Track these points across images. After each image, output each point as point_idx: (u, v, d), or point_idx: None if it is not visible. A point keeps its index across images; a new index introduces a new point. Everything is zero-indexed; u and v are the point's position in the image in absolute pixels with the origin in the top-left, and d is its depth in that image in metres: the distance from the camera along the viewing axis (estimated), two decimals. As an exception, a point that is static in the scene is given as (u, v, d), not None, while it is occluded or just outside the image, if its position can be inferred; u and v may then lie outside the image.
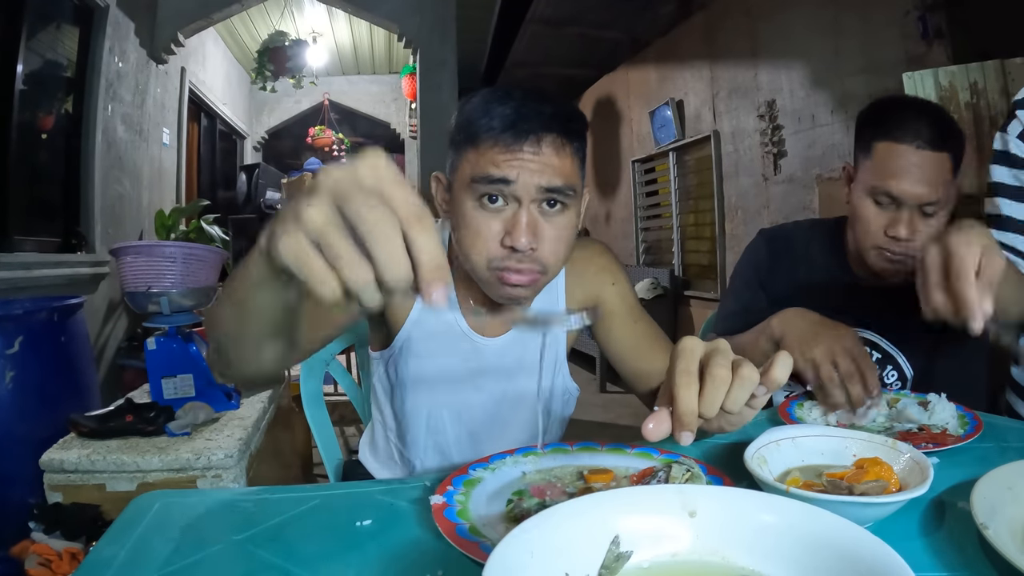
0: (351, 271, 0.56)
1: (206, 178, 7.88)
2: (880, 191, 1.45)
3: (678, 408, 0.74)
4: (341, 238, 0.57)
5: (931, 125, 1.42)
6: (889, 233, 1.45)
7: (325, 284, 0.57)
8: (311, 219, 0.57)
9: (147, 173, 5.47)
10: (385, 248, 0.56)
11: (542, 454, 1.01)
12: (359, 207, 0.56)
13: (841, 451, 0.90)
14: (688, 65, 6.33)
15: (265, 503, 0.89)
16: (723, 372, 0.75)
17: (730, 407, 0.76)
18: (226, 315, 0.86)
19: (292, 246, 0.57)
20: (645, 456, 1.00)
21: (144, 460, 2.09)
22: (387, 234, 0.56)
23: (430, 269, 0.57)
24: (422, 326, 1.31)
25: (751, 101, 5.36)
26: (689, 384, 0.75)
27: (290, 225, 0.58)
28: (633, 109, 7.68)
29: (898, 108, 1.50)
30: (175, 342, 2.51)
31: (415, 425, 1.37)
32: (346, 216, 0.57)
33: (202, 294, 2.64)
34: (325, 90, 9.79)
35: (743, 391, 0.75)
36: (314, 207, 0.57)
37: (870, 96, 4.01)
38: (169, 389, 2.51)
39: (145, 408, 2.35)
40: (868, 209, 1.49)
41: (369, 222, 0.56)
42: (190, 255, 2.60)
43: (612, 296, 1.43)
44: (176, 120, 6.22)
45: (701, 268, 6.52)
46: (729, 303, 1.77)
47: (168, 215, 5.22)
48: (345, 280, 0.57)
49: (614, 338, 1.42)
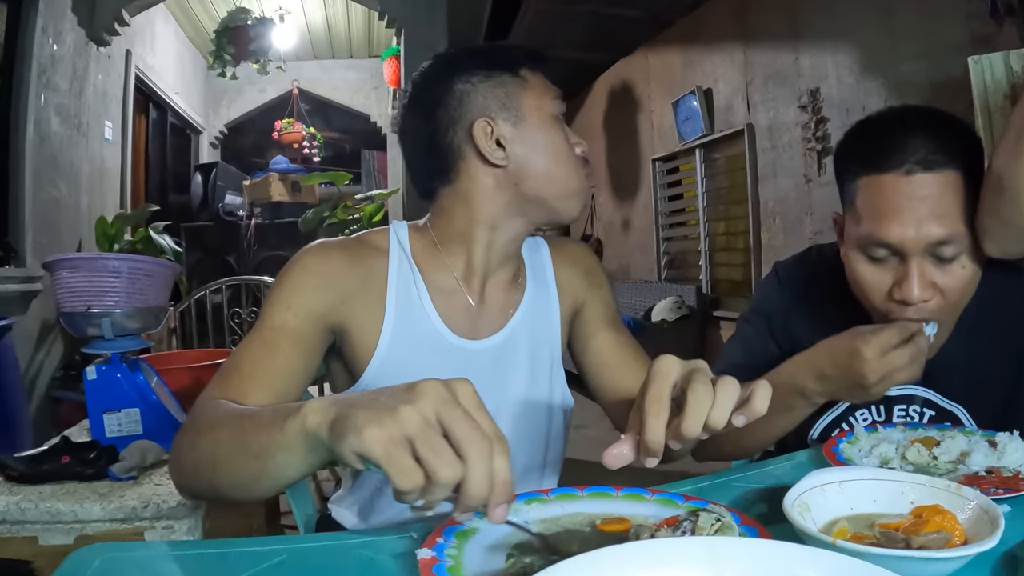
0: (448, 469, 0.70)
1: (155, 179, 7.91)
2: (871, 242, 1.32)
3: (645, 436, 0.84)
4: (442, 439, 0.71)
5: (922, 138, 1.28)
6: (896, 297, 1.31)
7: (409, 477, 0.70)
8: (411, 418, 0.71)
9: (87, 173, 5.49)
10: (478, 465, 0.71)
11: (547, 500, 1.01)
12: (460, 421, 0.72)
13: (896, 497, 0.90)
14: (718, 48, 6.36)
15: (224, 558, 0.89)
16: (705, 388, 0.84)
17: (714, 424, 0.84)
18: (224, 455, 0.96)
19: (383, 438, 0.70)
20: (668, 503, 1.00)
21: (83, 508, 2.08)
22: (484, 453, 0.71)
23: (501, 492, 0.72)
24: (397, 344, 1.33)
25: (791, 90, 5.38)
26: (658, 412, 0.85)
27: (385, 419, 0.71)
28: (654, 99, 7.71)
29: (876, 127, 1.38)
30: (119, 371, 2.51)
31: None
32: (442, 423, 0.72)
33: (150, 315, 2.63)
34: (294, 77, 9.86)
35: (727, 404, 0.84)
36: (415, 408, 0.72)
37: (930, 84, 4.04)
38: (112, 426, 2.50)
39: (84, 448, 2.35)
40: (862, 268, 1.36)
41: (470, 438, 0.71)
42: (137, 269, 2.60)
43: (597, 301, 1.52)
44: (120, 112, 6.25)
45: (733, 284, 6.52)
46: (735, 353, 1.66)
47: (111, 222, 5.24)
48: (435, 475, 0.70)
49: (593, 347, 1.50)
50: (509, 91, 1.32)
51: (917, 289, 1.27)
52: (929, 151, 1.26)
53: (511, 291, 1.44)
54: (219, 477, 0.98)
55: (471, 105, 1.31)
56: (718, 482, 1.16)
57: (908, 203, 1.26)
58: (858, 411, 1.53)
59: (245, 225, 6.76)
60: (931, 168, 1.26)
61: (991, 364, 1.45)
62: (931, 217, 1.26)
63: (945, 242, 1.27)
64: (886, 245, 1.30)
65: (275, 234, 6.75)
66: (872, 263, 1.34)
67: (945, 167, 1.26)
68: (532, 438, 1.44)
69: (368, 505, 1.43)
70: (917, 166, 1.26)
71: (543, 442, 1.46)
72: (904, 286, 1.29)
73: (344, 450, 0.74)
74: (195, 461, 1.02)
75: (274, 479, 0.91)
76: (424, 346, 1.34)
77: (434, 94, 1.34)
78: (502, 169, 1.32)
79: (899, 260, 1.31)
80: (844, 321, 1.35)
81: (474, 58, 1.35)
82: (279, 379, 1.20)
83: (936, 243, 1.27)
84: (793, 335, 1.58)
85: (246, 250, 6.65)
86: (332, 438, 0.76)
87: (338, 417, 0.76)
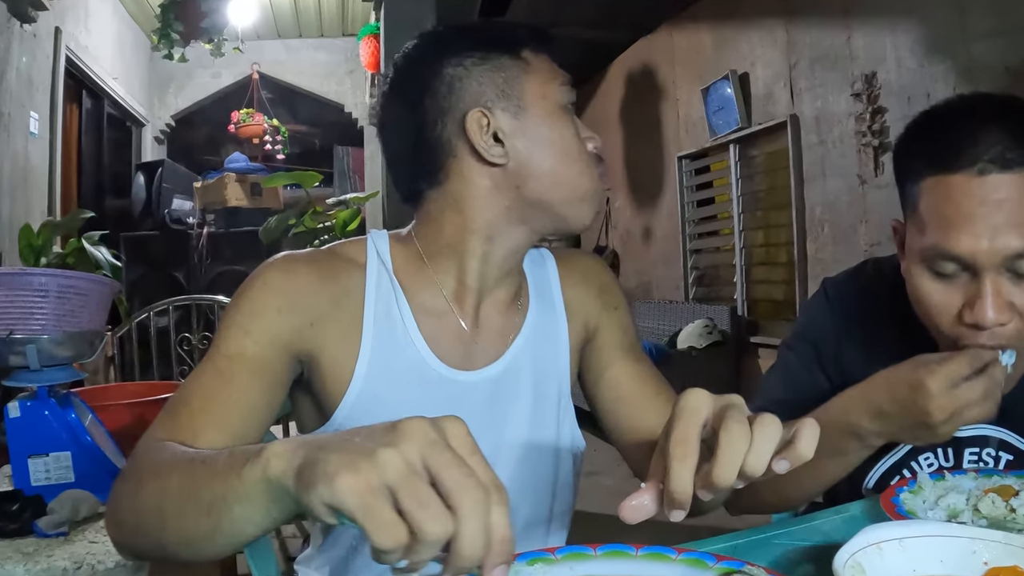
0: (435, 524, 0.67)
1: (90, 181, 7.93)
2: (937, 255, 1.29)
3: (670, 484, 0.83)
4: (429, 488, 0.69)
5: (997, 132, 1.25)
6: (967, 320, 1.28)
7: (390, 533, 0.67)
8: (392, 463, 0.69)
9: (8, 173, 5.51)
10: (472, 518, 0.68)
11: (554, 560, 1.01)
12: (451, 466, 0.70)
13: (967, 557, 0.91)
14: (756, 24, 6.38)
15: (173, 629, 0.89)
16: (740, 428, 0.83)
17: (751, 470, 0.82)
18: (172, 508, 0.94)
19: (359, 487, 0.68)
20: (697, 564, 1.00)
21: (3, 571, 2.08)
22: (479, 505, 0.69)
23: (499, 550, 0.70)
24: (376, 376, 1.32)
25: (843, 74, 5.40)
26: (685, 456, 0.83)
27: (361, 464, 0.69)
28: (680, 86, 7.73)
29: (943, 120, 1.36)
30: (47, 407, 2.51)
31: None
32: (429, 469, 0.70)
33: (84, 341, 2.64)
34: (254, 60, 9.89)
35: (766, 447, 0.83)
36: (396, 452, 0.69)
37: (1007, 68, 4.06)
38: (39, 472, 2.51)
39: (5, 499, 2.35)
40: (927, 286, 1.34)
41: (462, 487, 0.69)
42: (68, 287, 2.61)
43: (612, 325, 1.52)
44: (48, 101, 6.27)
45: (774, 305, 6.53)
46: (776, 386, 1.66)
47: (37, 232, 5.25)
48: (422, 531, 0.67)
49: (608, 380, 1.50)
50: (509, 76, 1.31)
51: (992, 311, 1.24)
52: (1006, 147, 1.23)
53: (511, 313, 1.44)
54: (165, 533, 0.97)
55: (464, 93, 1.30)
56: (756, 539, 1.16)
57: (981, 209, 1.23)
58: (922, 455, 1.53)
59: (196, 235, 6.77)
60: (1009, 167, 1.23)
61: None
62: (1009, 225, 1.23)
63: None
64: (955, 258, 1.27)
65: (232, 245, 6.75)
66: (938, 280, 1.32)
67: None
68: (536, 487, 1.43)
69: (341, 566, 1.42)
70: (992, 165, 1.23)
71: (549, 492, 1.45)
72: (977, 307, 1.25)
73: (313, 501, 0.72)
74: (137, 514, 1.02)
75: (231, 536, 0.90)
76: (408, 378, 1.33)
77: (420, 79, 1.33)
78: (500, 168, 1.31)
79: (970, 276, 1.28)
80: (905, 348, 1.34)
81: (467, 37, 1.34)
82: (236, 416, 1.20)
83: (1015, 256, 1.24)
84: (845, 365, 1.58)
85: (197, 264, 6.66)
86: (299, 487, 0.74)
87: (306, 462, 0.74)
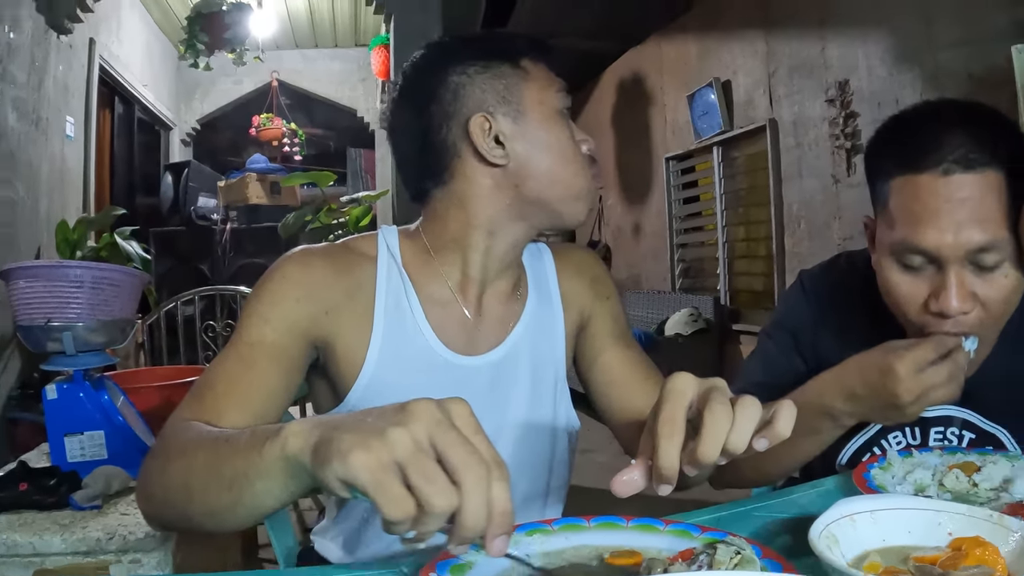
0: (441, 497, 0.69)
1: (122, 180, 7.91)
2: (905, 249, 1.30)
3: (658, 461, 0.85)
4: (435, 465, 0.71)
5: (961, 135, 1.26)
6: (932, 309, 1.29)
7: (399, 506, 0.69)
8: (402, 442, 0.70)
9: (46, 174, 5.49)
10: (475, 493, 0.70)
11: (551, 531, 1.01)
12: (456, 445, 0.72)
13: (933, 528, 0.90)
14: (737, 36, 6.37)
15: (198, 595, 0.89)
16: (723, 408, 0.85)
17: (733, 447, 0.84)
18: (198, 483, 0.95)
19: (371, 463, 0.70)
20: (682, 534, 1.00)
21: (42, 540, 2.08)
22: (482, 480, 0.71)
23: (500, 522, 0.72)
24: (386, 361, 1.33)
25: (818, 81, 5.39)
26: (672, 435, 0.86)
27: (372, 442, 0.71)
28: (667, 92, 7.73)
29: (911, 123, 1.36)
30: (82, 390, 2.51)
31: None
32: (436, 447, 0.72)
33: (116, 328, 2.64)
34: (273, 68, 9.87)
35: (747, 426, 0.85)
36: (406, 431, 0.71)
37: (970, 75, 4.05)
38: (74, 450, 2.50)
39: (43, 474, 2.35)
40: (896, 277, 1.35)
41: (466, 464, 0.71)
42: (101, 279, 2.60)
43: (604, 314, 1.53)
44: (83, 106, 6.25)
45: (754, 295, 6.53)
46: (756, 370, 1.66)
47: (73, 227, 5.24)
48: (428, 504, 0.69)
49: (601, 364, 1.51)
50: (509, 83, 1.32)
51: (956, 300, 1.25)
52: (969, 149, 1.25)
53: (511, 303, 1.44)
54: (191, 506, 0.98)
55: (467, 99, 1.31)
56: (738, 511, 1.16)
57: (946, 206, 1.24)
58: (891, 434, 1.52)
59: (220, 230, 6.77)
60: (971, 168, 1.24)
61: None
62: (971, 221, 1.24)
63: (986, 249, 1.25)
64: (922, 252, 1.28)
65: (253, 240, 6.75)
66: (906, 272, 1.33)
67: (987, 167, 1.25)
68: (534, 463, 1.44)
69: (354, 537, 1.42)
70: (956, 165, 1.24)
71: (546, 468, 1.46)
72: (941, 297, 1.27)
73: (328, 476, 0.73)
74: (165, 489, 1.02)
75: (252, 508, 0.91)
76: (416, 363, 1.34)
77: (427, 87, 1.34)
78: (501, 169, 1.32)
79: (936, 268, 1.29)
80: (876, 335, 1.35)
81: (471, 47, 1.35)
82: (256, 399, 1.20)
83: (976, 250, 1.25)
84: (820, 351, 1.58)
85: (221, 257, 6.66)
86: (315, 463, 0.76)
87: (321, 440, 0.76)
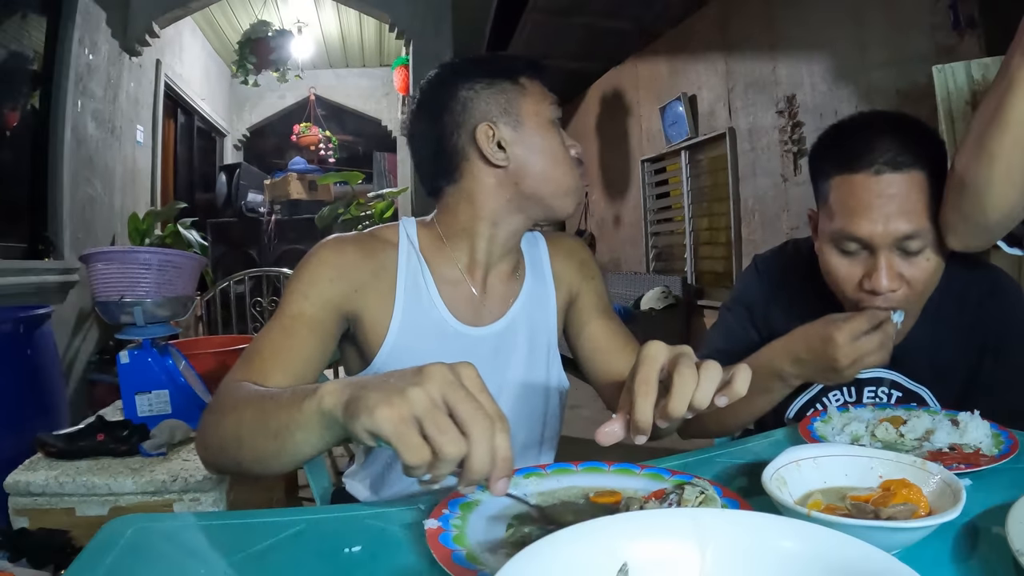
0: (452, 446, 0.71)
1: (183, 179, 7.90)
2: (843, 237, 1.32)
3: (634, 415, 0.87)
4: (447, 418, 0.73)
5: (890, 141, 1.28)
6: (866, 287, 1.31)
7: (417, 453, 0.71)
8: (419, 399, 0.72)
9: (120, 174, 5.48)
10: (481, 442, 0.72)
11: (545, 475, 1.01)
12: (464, 402, 0.73)
13: (866, 472, 0.90)
14: (701, 58, 6.34)
15: (247, 528, 0.89)
16: (690, 371, 0.86)
17: (698, 403, 0.86)
18: (247, 433, 0.97)
19: (393, 417, 0.72)
20: (655, 477, 1.00)
21: (116, 482, 2.08)
22: (486, 431, 0.73)
23: (502, 467, 0.74)
24: (406, 331, 1.33)
25: (769, 96, 5.37)
26: (647, 394, 0.87)
27: (395, 399, 0.72)
28: (642, 105, 7.69)
29: (847, 131, 1.37)
30: (150, 355, 2.51)
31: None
32: (447, 403, 0.73)
33: (179, 304, 2.64)
34: (311, 84, 9.83)
35: (710, 386, 0.86)
36: (423, 390, 0.73)
37: (897, 91, 4.03)
38: (143, 406, 2.51)
39: (117, 426, 2.35)
40: (835, 261, 1.36)
41: (473, 418, 0.73)
42: (166, 262, 2.60)
43: (590, 291, 1.54)
44: (151, 116, 6.23)
45: (716, 276, 6.52)
46: (718, 339, 1.65)
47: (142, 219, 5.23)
48: (441, 452, 0.71)
49: (587, 334, 1.52)
50: (509, 97, 1.33)
51: (885, 280, 1.28)
52: (896, 153, 1.26)
53: (511, 282, 1.45)
54: (242, 453, 0.98)
55: (474, 110, 1.32)
56: (702, 458, 1.16)
57: (877, 201, 1.26)
58: (831, 392, 1.53)
59: (266, 221, 6.76)
60: (898, 168, 1.26)
61: (953, 350, 1.45)
62: (898, 214, 1.26)
63: (911, 237, 1.27)
64: (857, 239, 1.30)
65: (293, 229, 6.74)
66: (844, 256, 1.34)
67: (911, 167, 1.26)
68: (531, 417, 1.45)
69: (379, 479, 1.43)
70: (885, 167, 1.26)
71: (541, 420, 1.47)
72: (874, 277, 1.29)
73: (357, 428, 0.75)
74: (220, 439, 1.03)
75: (292, 455, 0.92)
76: (431, 332, 1.34)
77: (440, 100, 1.34)
78: (503, 169, 1.33)
79: (869, 253, 1.31)
80: (818, 309, 1.36)
81: (477, 67, 1.36)
82: (297, 363, 1.21)
83: (903, 237, 1.27)
84: (771, 323, 1.58)
85: (267, 244, 6.65)
86: (346, 417, 0.77)
87: (352, 398, 0.77)
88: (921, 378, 1.47)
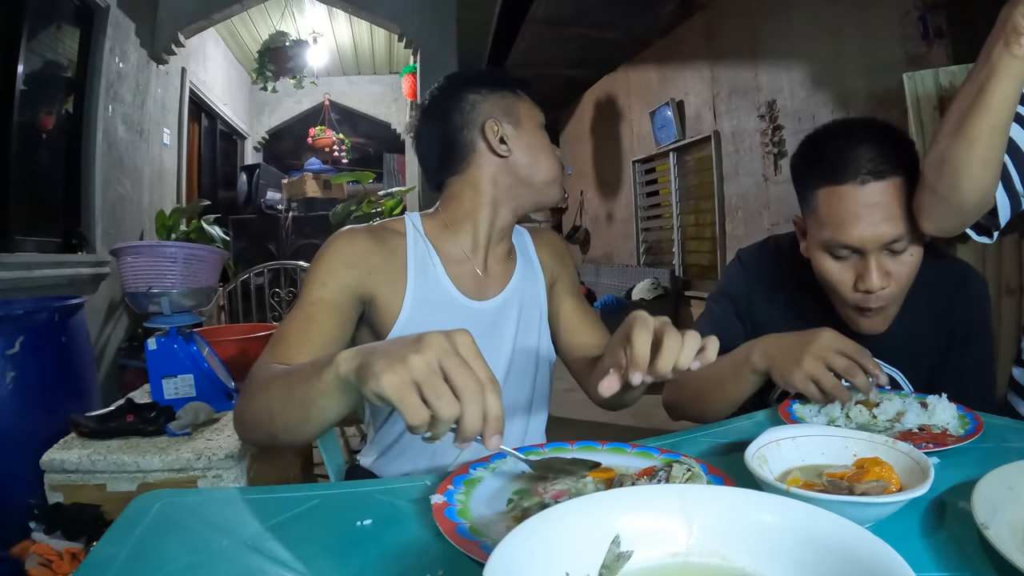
0: (447, 409, 0.74)
1: (207, 178, 7.89)
2: (835, 244, 1.33)
3: (634, 352, 0.94)
4: (443, 383, 0.75)
5: (870, 150, 1.29)
6: (860, 288, 1.33)
7: (417, 414, 0.74)
8: (418, 366, 0.75)
9: (148, 173, 5.48)
10: (472, 404, 0.75)
11: (543, 453, 1.01)
12: (458, 368, 0.76)
13: (841, 451, 0.90)
14: (688, 65, 6.34)
15: (265, 503, 0.89)
16: (676, 336, 0.96)
17: (681, 364, 0.94)
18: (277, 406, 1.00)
19: (396, 382, 0.75)
20: (645, 455, 1.00)
21: (145, 460, 2.08)
22: (477, 395, 0.75)
23: (494, 425, 0.76)
24: (417, 306, 1.37)
25: (751, 101, 5.36)
26: (646, 341, 0.95)
27: (397, 366, 0.75)
28: (634, 109, 7.69)
29: (828, 143, 1.37)
30: (176, 342, 2.51)
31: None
32: (443, 369, 0.76)
33: (203, 294, 2.63)
34: (325, 90, 9.80)
35: (691, 350, 0.95)
36: (422, 357, 0.76)
37: (870, 96, 4.03)
38: (170, 389, 2.51)
39: (146, 408, 2.35)
40: (829, 266, 1.37)
41: (465, 383, 0.75)
42: (191, 255, 2.60)
43: (565, 276, 1.65)
44: (177, 120, 6.22)
45: (702, 268, 6.52)
46: (704, 328, 1.56)
47: (169, 215, 5.23)
48: (438, 414, 0.74)
49: (562, 312, 1.61)
50: (510, 102, 1.46)
51: (876, 280, 1.30)
52: (878, 162, 1.28)
53: (507, 263, 1.54)
54: (275, 425, 1.01)
55: (482, 110, 1.44)
56: (689, 438, 1.16)
57: (865, 210, 1.28)
58: None
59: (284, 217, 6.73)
60: (881, 176, 1.28)
61: (924, 336, 1.46)
62: (884, 220, 1.28)
63: (897, 239, 1.29)
64: (848, 246, 1.32)
65: (309, 225, 6.72)
66: (836, 260, 1.36)
67: (892, 174, 1.28)
68: (523, 380, 1.52)
69: (385, 452, 1.48)
70: (869, 176, 1.28)
71: (531, 383, 1.53)
72: (866, 279, 1.31)
73: (367, 391, 0.78)
74: (255, 415, 1.06)
75: (319, 421, 0.95)
76: (439, 305, 1.40)
77: (451, 102, 1.45)
78: (504, 159, 1.44)
79: (859, 256, 1.33)
80: (798, 301, 1.41)
81: (483, 77, 1.50)
82: (319, 345, 1.25)
83: (890, 241, 1.29)
84: (753, 311, 1.59)
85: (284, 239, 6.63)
86: (358, 381, 0.81)
87: (362, 364, 0.81)
88: (895, 362, 1.47)
